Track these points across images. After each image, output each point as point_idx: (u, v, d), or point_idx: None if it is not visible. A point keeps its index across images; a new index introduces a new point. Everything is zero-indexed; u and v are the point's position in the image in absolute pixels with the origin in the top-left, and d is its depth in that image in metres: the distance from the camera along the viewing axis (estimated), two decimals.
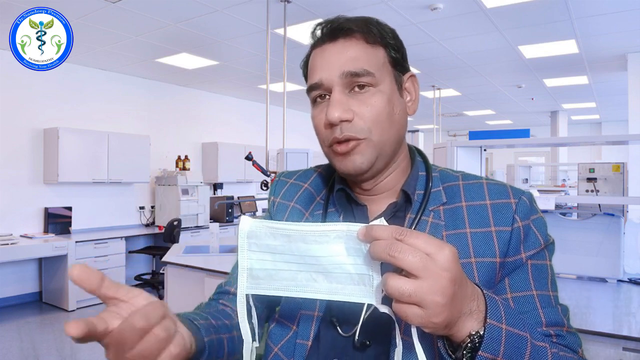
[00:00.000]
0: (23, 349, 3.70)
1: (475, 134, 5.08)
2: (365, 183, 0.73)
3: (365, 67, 0.66)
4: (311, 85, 0.70)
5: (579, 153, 9.60)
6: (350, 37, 0.68)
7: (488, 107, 8.90)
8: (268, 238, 0.54)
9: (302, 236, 0.52)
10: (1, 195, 4.81)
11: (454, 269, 0.46)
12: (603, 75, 6.13)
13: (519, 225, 0.66)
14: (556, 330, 0.64)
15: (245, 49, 4.91)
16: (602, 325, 1.67)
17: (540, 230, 0.67)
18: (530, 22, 4.10)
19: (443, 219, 0.68)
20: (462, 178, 0.73)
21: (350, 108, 0.66)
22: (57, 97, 5.27)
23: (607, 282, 2.28)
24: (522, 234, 0.65)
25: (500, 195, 0.68)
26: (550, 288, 0.66)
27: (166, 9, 3.78)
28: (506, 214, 0.66)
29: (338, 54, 0.67)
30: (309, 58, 0.73)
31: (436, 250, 0.45)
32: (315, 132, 0.72)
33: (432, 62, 5.46)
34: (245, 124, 7.82)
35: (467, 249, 0.65)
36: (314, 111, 0.71)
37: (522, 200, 0.67)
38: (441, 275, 0.45)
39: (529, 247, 0.66)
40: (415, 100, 0.75)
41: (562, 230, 2.38)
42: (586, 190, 3.13)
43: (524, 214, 0.66)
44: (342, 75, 0.66)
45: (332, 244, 0.51)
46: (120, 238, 5.27)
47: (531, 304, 0.64)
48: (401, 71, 0.72)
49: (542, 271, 0.66)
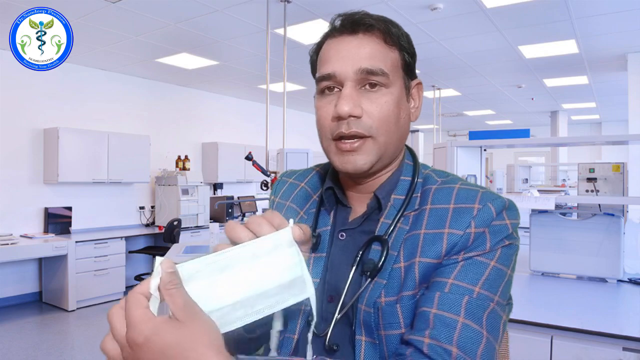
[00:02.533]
0: (23, 349, 3.70)
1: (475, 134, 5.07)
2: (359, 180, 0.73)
3: (381, 66, 0.66)
4: (323, 76, 0.68)
5: (579, 153, 9.59)
6: (371, 33, 0.68)
7: (488, 107, 8.90)
8: (203, 278, 0.51)
9: (230, 263, 0.51)
10: (1, 195, 4.81)
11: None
12: (603, 75, 6.13)
13: (471, 231, 0.62)
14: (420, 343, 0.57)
15: (245, 49, 4.91)
16: (602, 325, 1.67)
17: (494, 236, 0.63)
18: (530, 22, 4.10)
19: (408, 224, 0.68)
20: (441, 182, 0.71)
21: (360, 104, 0.65)
22: (57, 97, 5.27)
23: (607, 282, 2.28)
24: (472, 239, 0.62)
25: (466, 200, 0.65)
26: (480, 285, 0.60)
27: (166, 9, 3.78)
28: (464, 218, 0.63)
29: (356, 48, 0.66)
30: (321, 46, 0.72)
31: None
32: (319, 125, 0.70)
33: (432, 62, 5.46)
34: (245, 124, 7.82)
35: (416, 249, 0.65)
36: (321, 102, 0.70)
37: (486, 207, 0.64)
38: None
39: (470, 250, 0.62)
40: (418, 108, 0.75)
41: (562, 230, 2.38)
42: (586, 190, 3.13)
43: (482, 221, 0.63)
44: (358, 71, 0.65)
45: (262, 260, 0.52)
46: (120, 238, 5.27)
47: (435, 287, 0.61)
48: (410, 77, 0.73)
49: (475, 266, 0.61)
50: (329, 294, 0.70)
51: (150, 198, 6.36)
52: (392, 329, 0.63)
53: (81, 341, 4.00)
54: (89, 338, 4.05)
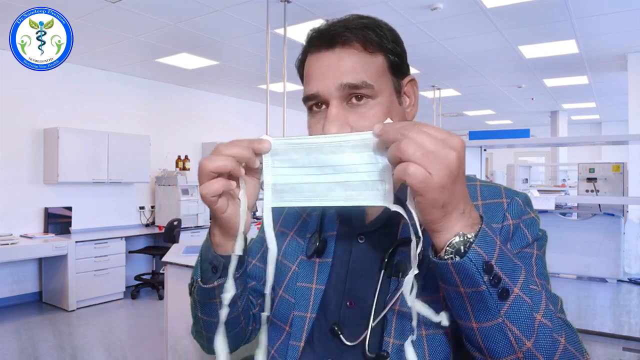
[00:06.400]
0: (23, 349, 3.70)
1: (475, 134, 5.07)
2: None
3: (364, 78, 0.64)
4: (307, 96, 0.68)
5: (579, 153, 9.58)
6: (349, 46, 0.65)
7: (488, 107, 8.90)
8: (289, 153, 0.59)
9: (318, 148, 0.56)
10: (1, 195, 4.81)
11: (462, 154, 0.47)
12: (603, 75, 6.13)
13: (509, 223, 0.64)
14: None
15: (245, 49, 4.91)
16: (602, 325, 1.67)
17: (530, 229, 0.65)
18: (530, 22, 4.10)
19: None
20: None
21: (347, 123, 0.64)
22: (57, 97, 5.27)
23: (607, 282, 2.28)
24: (511, 232, 0.64)
25: (493, 196, 0.67)
26: (535, 275, 0.63)
27: (166, 9, 3.78)
28: (497, 212, 0.65)
29: (335, 63, 0.65)
30: (304, 62, 0.71)
31: (447, 135, 0.47)
32: None
33: (432, 62, 5.46)
34: (245, 124, 7.81)
35: None
36: (311, 120, 0.70)
37: (514, 200, 0.66)
38: (450, 152, 0.46)
39: (516, 244, 0.64)
40: (414, 105, 0.73)
41: (562, 230, 2.38)
42: (586, 190, 3.13)
43: (516, 214, 0.65)
44: (340, 87, 0.64)
45: (347, 154, 0.54)
46: (120, 238, 5.27)
47: None
48: (400, 76, 0.70)
49: (527, 258, 0.64)
50: (348, 300, 0.68)
51: (150, 198, 6.36)
52: (432, 329, 0.61)
53: (81, 341, 4.00)
54: (89, 338, 4.05)
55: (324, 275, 0.71)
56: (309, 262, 0.73)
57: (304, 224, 0.79)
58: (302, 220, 0.79)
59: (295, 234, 0.79)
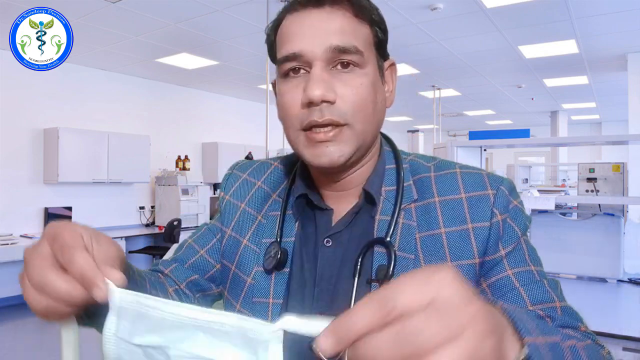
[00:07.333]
0: (23, 349, 3.70)
1: (475, 134, 5.08)
2: (335, 176, 0.63)
3: (354, 43, 0.56)
4: (286, 56, 0.57)
5: (579, 153, 9.58)
6: (339, 5, 0.58)
7: (488, 107, 8.90)
8: (139, 320, 0.38)
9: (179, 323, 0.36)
10: (1, 195, 4.81)
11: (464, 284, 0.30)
12: (603, 75, 6.13)
13: (497, 220, 0.59)
14: (546, 309, 0.57)
15: (245, 49, 4.91)
16: (602, 325, 1.67)
17: (517, 222, 0.60)
18: (530, 22, 4.10)
19: (415, 219, 0.61)
20: (434, 168, 0.65)
21: (332, 88, 0.56)
22: (57, 97, 5.27)
23: (607, 282, 2.28)
24: (501, 229, 0.59)
25: (477, 186, 0.61)
26: (530, 263, 0.59)
27: (166, 9, 3.79)
28: (484, 207, 0.59)
29: (324, 22, 0.57)
30: (280, 23, 0.61)
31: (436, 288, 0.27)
32: (283, 113, 0.60)
33: (432, 62, 5.46)
34: (245, 124, 7.82)
35: (443, 252, 0.59)
36: (285, 86, 0.59)
37: (500, 190, 0.60)
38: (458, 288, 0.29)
39: (507, 242, 0.59)
40: (393, 92, 0.66)
41: (562, 230, 2.38)
42: (586, 190, 3.13)
43: (503, 206, 0.59)
44: (329, 49, 0.55)
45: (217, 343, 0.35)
46: (120, 238, 5.27)
47: (508, 284, 0.58)
48: (383, 56, 0.63)
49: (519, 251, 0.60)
50: (319, 311, 0.60)
51: (150, 198, 6.36)
52: None
53: (81, 341, 4.00)
54: (89, 338, 4.05)
55: (280, 287, 0.63)
56: (266, 274, 0.64)
57: (259, 228, 0.68)
58: (256, 224, 0.69)
59: (249, 241, 0.68)
